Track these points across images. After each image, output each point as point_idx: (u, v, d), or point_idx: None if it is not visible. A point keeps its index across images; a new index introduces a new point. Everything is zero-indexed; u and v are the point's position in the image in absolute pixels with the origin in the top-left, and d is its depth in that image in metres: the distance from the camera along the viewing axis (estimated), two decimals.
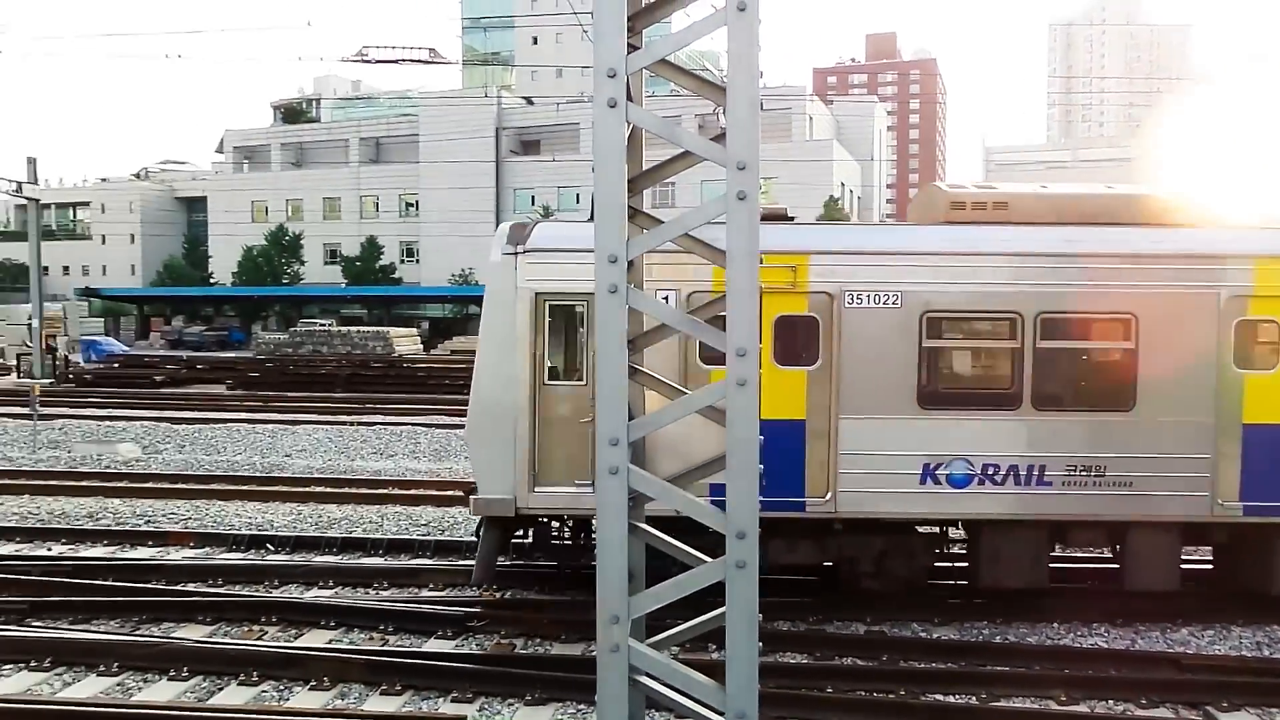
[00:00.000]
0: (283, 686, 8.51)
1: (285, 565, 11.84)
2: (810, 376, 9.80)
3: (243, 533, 13.46)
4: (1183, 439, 9.63)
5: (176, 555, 12.65)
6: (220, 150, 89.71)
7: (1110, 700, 8.34)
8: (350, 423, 24.84)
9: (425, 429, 23.62)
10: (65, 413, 25.80)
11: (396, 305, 67.53)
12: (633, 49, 4.31)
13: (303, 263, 74.90)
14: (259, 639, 9.61)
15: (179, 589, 10.96)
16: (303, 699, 8.26)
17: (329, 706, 8.02)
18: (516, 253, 10.03)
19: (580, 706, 8.04)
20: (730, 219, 4.03)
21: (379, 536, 13.22)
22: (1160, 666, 8.94)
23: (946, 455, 9.67)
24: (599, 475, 4.20)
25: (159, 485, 16.74)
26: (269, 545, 13.01)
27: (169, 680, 8.63)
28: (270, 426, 23.82)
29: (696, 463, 4.72)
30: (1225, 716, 8.09)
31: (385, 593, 11.15)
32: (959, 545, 11.12)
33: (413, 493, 16.06)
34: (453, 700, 8.22)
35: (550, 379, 10.07)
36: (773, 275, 9.56)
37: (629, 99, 4.20)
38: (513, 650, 9.40)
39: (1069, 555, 11.62)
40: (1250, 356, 9.81)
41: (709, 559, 4.31)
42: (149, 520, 14.47)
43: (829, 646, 9.37)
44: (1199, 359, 9.63)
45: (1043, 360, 9.71)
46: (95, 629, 9.82)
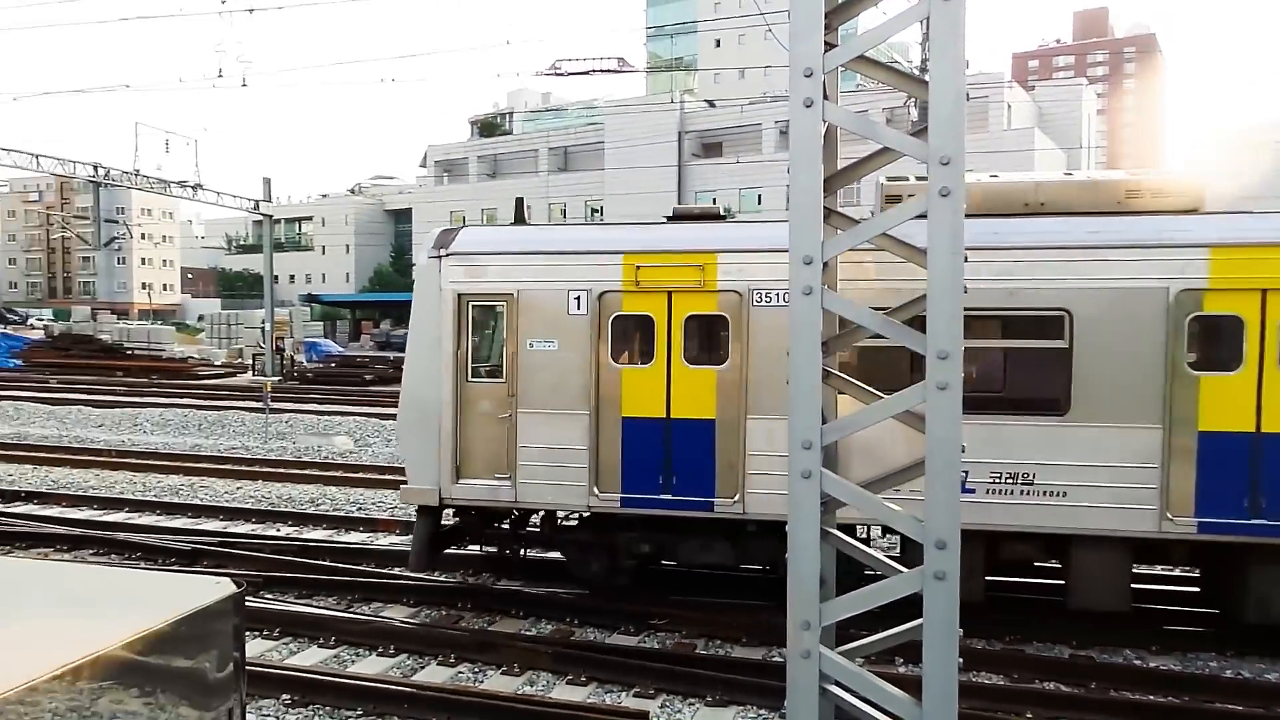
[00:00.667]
0: (477, 669, 8.94)
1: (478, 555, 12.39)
2: (720, 376, 9.57)
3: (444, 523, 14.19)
4: (1125, 447, 8.67)
5: (384, 541, 13.52)
6: (423, 165, 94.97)
7: None
8: None
9: None
10: (290, 407, 28.06)
11: None
12: (829, 46, 4.26)
13: None
14: (455, 623, 10.13)
15: (385, 572, 11.70)
16: (495, 682, 8.63)
17: (519, 692, 8.34)
18: (441, 256, 10.29)
19: (761, 712, 7.99)
20: (932, 215, 3.92)
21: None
22: None
23: None
24: (791, 478, 4.16)
25: (369, 476, 17.93)
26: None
27: (377, 655, 9.26)
28: None
29: (889, 468, 4.60)
30: None
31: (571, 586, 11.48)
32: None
33: None
34: (635, 695, 8.36)
35: (472, 376, 10.29)
36: (682, 274, 9.61)
37: (825, 97, 4.15)
38: (694, 650, 9.46)
39: None
40: (1208, 356, 8.74)
41: (904, 568, 4.20)
42: (360, 507, 15.60)
43: (1028, 668, 8.88)
44: (1144, 360, 8.64)
45: (963, 360, 8.98)
46: (316, 604, 10.66)
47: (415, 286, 10.54)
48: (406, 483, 10.43)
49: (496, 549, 11.03)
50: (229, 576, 3.31)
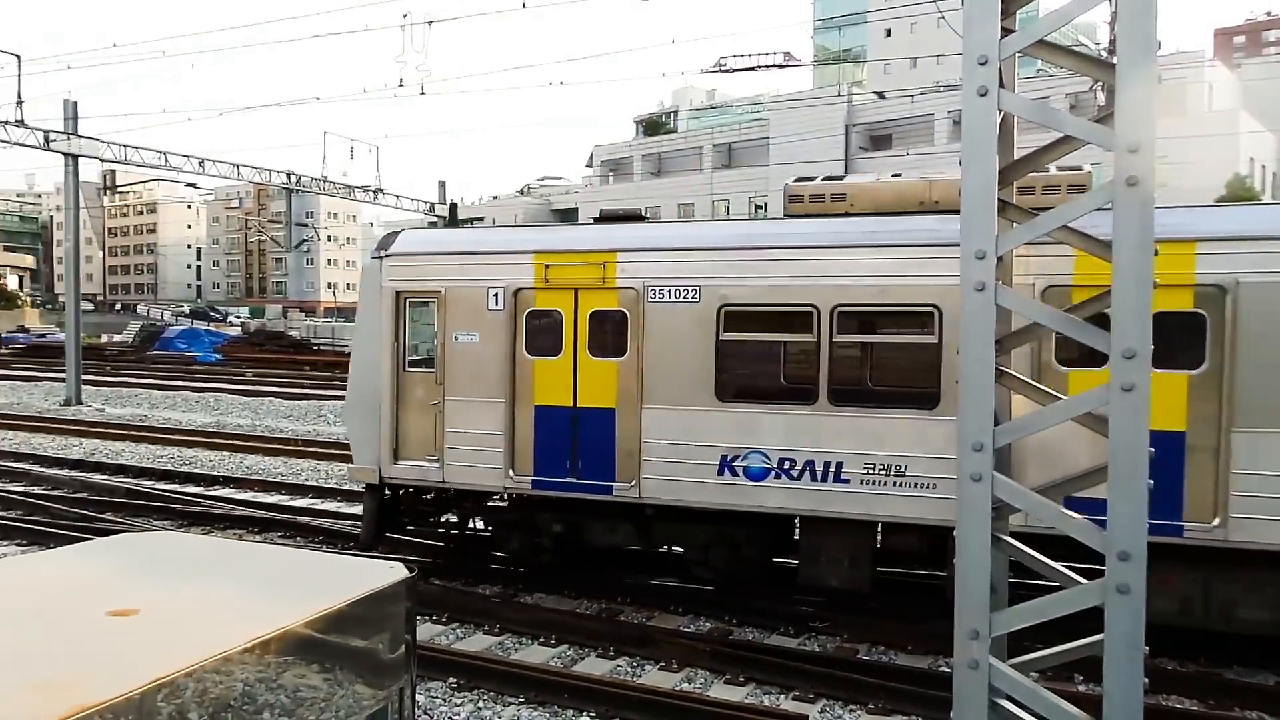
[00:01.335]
0: (635, 663, 9.05)
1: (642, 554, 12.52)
2: (620, 368, 10.13)
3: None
4: None
5: None
6: (589, 165, 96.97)
7: None
8: None
9: None
10: None
11: None
12: (1006, 32, 4.06)
13: None
14: (615, 617, 10.29)
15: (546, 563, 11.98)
16: (653, 677, 8.71)
17: (677, 689, 8.36)
18: (382, 257, 11.24)
19: None
20: (1118, 206, 3.67)
21: None
22: None
23: (743, 448, 9.59)
24: (960, 481, 4.00)
25: None
26: None
27: (539, 644, 9.52)
28: None
29: (1065, 473, 4.35)
30: None
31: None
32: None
33: None
34: (794, 698, 8.25)
35: (408, 366, 11.15)
36: (586, 273, 10.24)
37: (1001, 85, 3.96)
38: (855, 655, 9.25)
39: None
40: (1077, 352, 8.46)
41: (1082, 580, 3.95)
42: None
43: (1227, 695, 8.22)
44: (1013, 354, 7.83)
45: (839, 355, 9.45)
46: (482, 591, 11.06)
47: (361, 284, 11.62)
48: (352, 462, 11.49)
49: (443, 530, 11.81)
50: (400, 561, 3.47)
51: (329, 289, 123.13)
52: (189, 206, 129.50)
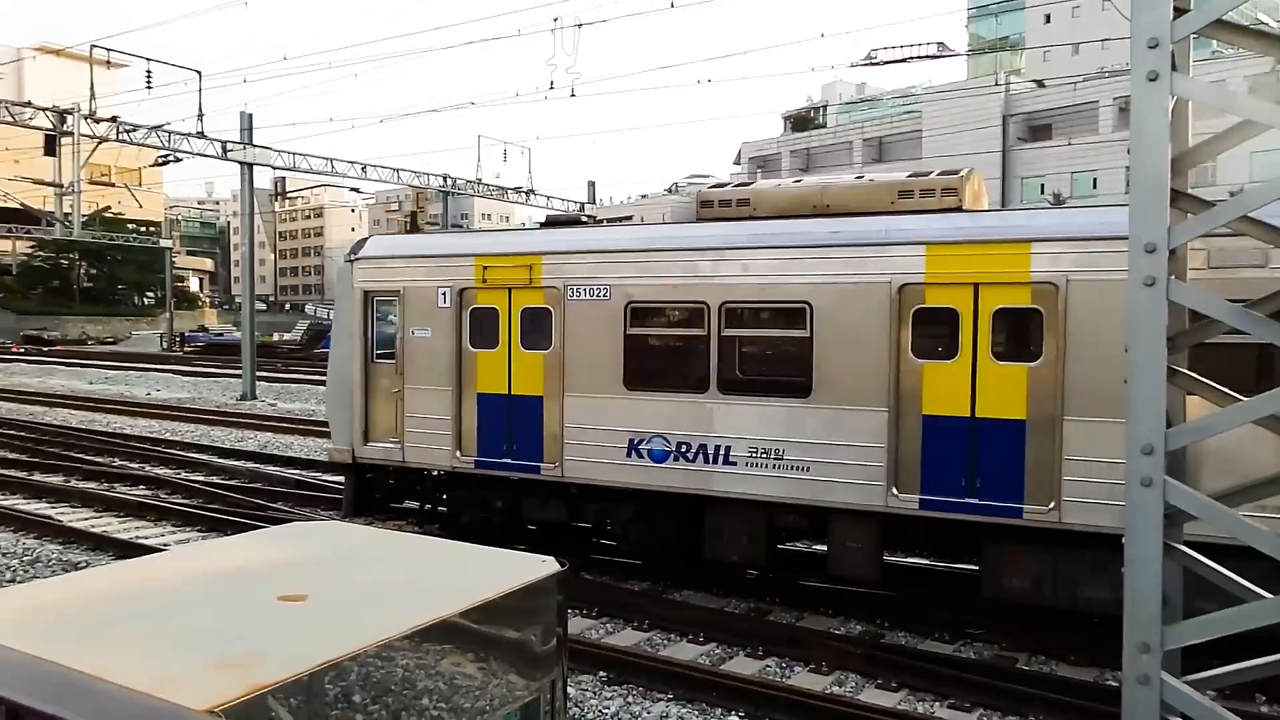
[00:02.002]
0: (784, 664, 8.97)
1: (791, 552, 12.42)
2: (546, 359, 11.18)
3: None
4: (857, 428, 9.43)
5: None
6: (737, 161, 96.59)
7: None
8: None
9: None
10: None
11: None
12: (1179, 12, 3.82)
13: None
14: (764, 616, 10.24)
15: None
16: (803, 679, 8.62)
17: (827, 691, 8.25)
18: (353, 260, 12.62)
19: None
20: None
21: None
22: None
23: (647, 432, 10.48)
24: (1129, 485, 3.79)
25: None
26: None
27: (688, 642, 9.58)
28: None
29: (1248, 479, 4.05)
30: None
31: (879, 590, 11.18)
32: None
33: None
34: (949, 706, 8.01)
35: (375, 358, 12.49)
36: (517, 274, 11.32)
37: (1173, 69, 3.72)
38: (1015, 664, 8.89)
39: None
40: (928, 346, 9.19)
41: (1266, 593, 3.68)
42: None
43: None
44: (873, 348, 9.36)
45: (726, 347, 10.18)
46: (631, 586, 11.24)
47: (336, 285, 12.88)
48: (331, 444, 12.98)
49: (418, 504, 13.00)
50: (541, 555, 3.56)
51: None
52: (352, 210, 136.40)
